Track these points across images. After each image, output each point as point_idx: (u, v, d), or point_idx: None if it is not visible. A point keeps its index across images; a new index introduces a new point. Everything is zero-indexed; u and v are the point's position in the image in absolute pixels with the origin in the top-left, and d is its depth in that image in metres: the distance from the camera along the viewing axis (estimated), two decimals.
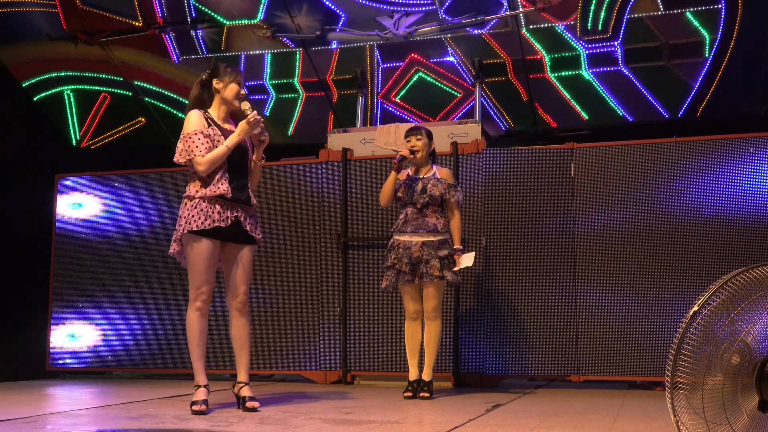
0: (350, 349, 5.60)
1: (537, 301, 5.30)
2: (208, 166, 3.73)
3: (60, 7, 6.80)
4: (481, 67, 6.58)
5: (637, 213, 5.22)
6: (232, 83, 3.85)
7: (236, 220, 3.80)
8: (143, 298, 6.12)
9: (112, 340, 6.16)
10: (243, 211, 3.84)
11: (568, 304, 5.26)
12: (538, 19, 6.33)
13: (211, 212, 3.73)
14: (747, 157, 5.09)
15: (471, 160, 5.56)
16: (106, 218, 6.28)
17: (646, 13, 6.15)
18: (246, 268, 3.87)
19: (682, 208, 5.15)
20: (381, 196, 4.65)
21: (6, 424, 3.30)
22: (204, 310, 3.81)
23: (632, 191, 5.25)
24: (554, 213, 5.36)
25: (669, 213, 5.17)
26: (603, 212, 5.28)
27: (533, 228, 5.37)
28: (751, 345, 2.37)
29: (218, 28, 6.84)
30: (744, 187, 5.07)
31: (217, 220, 3.73)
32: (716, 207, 5.09)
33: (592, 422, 3.46)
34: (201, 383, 3.78)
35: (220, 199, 3.76)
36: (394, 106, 7.05)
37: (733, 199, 5.07)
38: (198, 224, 3.71)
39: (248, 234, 3.86)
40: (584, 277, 5.26)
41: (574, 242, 5.31)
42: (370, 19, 6.55)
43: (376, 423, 3.41)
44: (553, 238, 5.34)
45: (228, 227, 3.77)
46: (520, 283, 5.34)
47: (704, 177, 5.14)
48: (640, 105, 6.65)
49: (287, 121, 7.29)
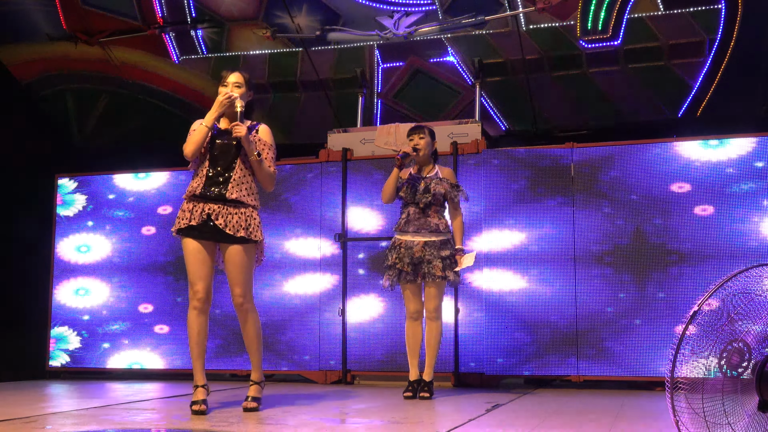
0: (350, 349, 5.60)
1: (537, 301, 5.30)
2: (191, 148, 3.72)
3: (60, 7, 6.79)
4: (481, 67, 6.58)
5: (637, 213, 5.22)
6: (220, 86, 3.85)
7: (208, 217, 3.70)
8: (143, 298, 6.12)
9: (113, 340, 6.16)
10: (218, 208, 3.71)
11: (568, 304, 5.26)
12: (538, 19, 6.33)
13: (186, 210, 3.74)
14: (747, 156, 5.08)
15: (471, 160, 5.56)
16: (106, 218, 6.28)
17: (646, 13, 6.14)
18: (236, 267, 3.74)
19: (683, 208, 5.15)
20: (383, 193, 4.63)
21: (6, 424, 3.30)
22: (201, 308, 3.76)
23: (632, 191, 5.25)
24: (554, 213, 5.36)
25: (669, 213, 5.17)
26: (603, 212, 5.28)
27: (533, 228, 5.37)
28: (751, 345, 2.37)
29: (218, 28, 6.84)
30: (744, 187, 5.07)
31: (188, 218, 3.71)
32: (716, 207, 5.09)
33: (592, 422, 3.46)
34: (199, 383, 3.76)
35: (193, 197, 3.74)
36: (394, 106, 7.05)
37: (734, 199, 5.07)
38: (177, 224, 3.76)
39: (222, 231, 3.68)
40: (584, 276, 5.26)
41: (574, 242, 5.31)
42: (370, 19, 6.54)
43: (376, 423, 3.41)
44: (552, 237, 5.34)
45: (201, 225, 3.70)
46: (520, 283, 5.34)
47: (704, 177, 5.14)
48: (640, 105, 6.65)
49: (287, 121, 7.28)
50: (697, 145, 5.19)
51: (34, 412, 3.76)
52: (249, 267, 3.79)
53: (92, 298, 6.24)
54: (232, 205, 3.72)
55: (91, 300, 6.24)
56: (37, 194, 6.65)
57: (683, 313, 2.27)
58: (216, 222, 3.68)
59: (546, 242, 5.34)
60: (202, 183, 3.72)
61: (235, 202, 3.72)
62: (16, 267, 6.57)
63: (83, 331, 6.22)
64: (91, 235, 6.30)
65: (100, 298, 6.22)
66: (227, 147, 3.77)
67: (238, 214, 3.72)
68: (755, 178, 5.05)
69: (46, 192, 6.48)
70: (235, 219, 3.70)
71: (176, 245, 6.06)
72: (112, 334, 6.16)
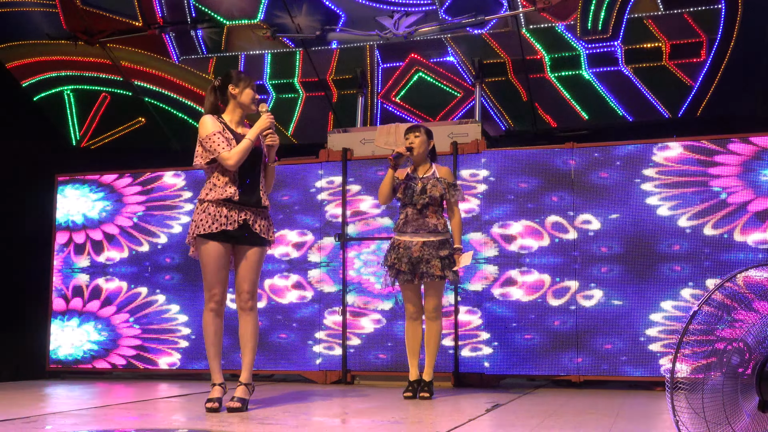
0: (350, 349, 5.60)
1: (537, 300, 5.30)
2: (238, 158, 3.77)
3: (60, 7, 6.79)
4: (481, 67, 6.58)
5: (637, 213, 5.22)
6: (247, 88, 3.91)
7: (245, 222, 3.81)
8: (143, 298, 6.12)
9: (112, 339, 6.16)
10: (253, 214, 3.85)
11: (568, 304, 5.26)
12: (538, 19, 6.33)
13: (218, 215, 3.77)
14: (747, 156, 5.08)
15: (471, 160, 5.56)
16: (106, 218, 6.28)
17: (646, 13, 6.14)
18: (252, 268, 3.87)
19: (683, 208, 5.15)
20: (379, 195, 4.63)
21: (6, 424, 3.30)
22: (218, 311, 3.87)
23: (632, 191, 5.25)
24: (554, 213, 5.36)
25: (669, 212, 5.17)
26: (603, 212, 5.28)
27: (533, 228, 5.37)
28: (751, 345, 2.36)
29: (218, 28, 6.84)
30: (744, 187, 5.06)
31: (224, 223, 3.77)
32: (716, 206, 5.09)
33: (592, 422, 3.46)
34: (216, 381, 3.83)
35: (227, 203, 3.79)
36: (394, 106, 7.05)
37: (734, 199, 5.07)
38: (205, 228, 3.77)
39: (259, 236, 3.86)
40: (584, 276, 5.26)
41: (574, 242, 5.31)
42: (370, 19, 6.54)
43: (376, 423, 3.41)
44: (552, 237, 5.34)
45: (236, 230, 3.79)
46: (520, 282, 5.35)
47: (704, 176, 5.14)
48: (640, 105, 6.64)
49: (287, 121, 7.28)
50: (697, 145, 5.19)
51: (34, 412, 3.76)
52: (261, 267, 3.98)
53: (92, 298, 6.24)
54: (263, 211, 3.92)
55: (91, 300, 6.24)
56: (37, 194, 6.65)
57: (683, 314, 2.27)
58: (254, 228, 3.83)
59: (545, 242, 5.35)
60: (237, 189, 3.79)
61: (264, 208, 3.93)
62: (15, 267, 6.57)
63: (83, 330, 6.22)
64: (91, 235, 6.30)
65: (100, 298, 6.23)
66: (254, 155, 3.87)
67: (267, 218, 3.94)
68: (755, 178, 5.05)
69: (46, 192, 6.47)
70: (266, 224, 3.92)
71: (177, 245, 6.07)
72: (112, 334, 6.16)
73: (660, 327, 5.07)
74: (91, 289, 6.25)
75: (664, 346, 5.00)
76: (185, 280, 6.03)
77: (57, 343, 6.27)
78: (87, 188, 6.36)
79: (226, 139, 3.79)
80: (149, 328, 6.08)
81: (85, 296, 6.26)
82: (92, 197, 6.34)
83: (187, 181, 6.12)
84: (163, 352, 6.03)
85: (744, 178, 5.06)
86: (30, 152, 6.96)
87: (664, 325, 5.06)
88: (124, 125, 7.61)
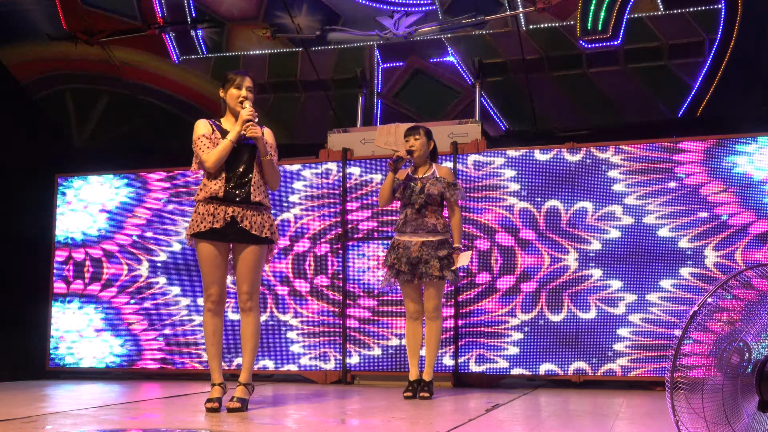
0: (350, 349, 5.60)
1: (537, 300, 5.30)
2: (215, 160, 3.76)
3: (60, 7, 6.79)
4: (481, 67, 6.58)
5: (637, 213, 5.22)
6: (232, 89, 3.89)
7: (232, 219, 3.77)
8: (143, 298, 6.12)
9: (112, 340, 6.16)
10: (242, 210, 3.80)
11: (568, 304, 5.26)
12: (538, 19, 6.32)
13: (206, 214, 3.77)
14: (747, 156, 5.08)
15: (471, 160, 5.56)
16: (106, 218, 6.28)
17: (646, 13, 6.14)
18: (249, 267, 3.83)
19: (683, 208, 5.15)
20: (380, 197, 4.64)
21: (6, 424, 3.30)
22: (216, 310, 3.86)
23: (632, 191, 5.25)
24: (554, 213, 5.36)
25: (669, 212, 5.17)
26: (602, 212, 5.28)
27: (532, 227, 5.37)
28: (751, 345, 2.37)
29: (218, 28, 6.83)
30: (744, 187, 5.07)
31: (211, 221, 3.76)
32: (717, 206, 5.09)
33: (592, 422, 3.46)
34: (215, 381, 3.82)
35: (214, 200, 3.79)
36: (394, 106, 7.05)
37: (734, 199, 5.07)
38: (195, 227, 3.78)
39: (249, 233, 3.79)
40: (584, 276, 5.26)
41: (573, 242, 5.31)
42: (370, 19, 6.54)
43: (376, 423, 3.41)
44: (552, 237, 5.34)
45: (225, 227, 3.76)
46: (519, 282, 5.35)
47: (704, 176, 5.14)
48: (640, 105, 6.64)
49: (287, 121, 7.28)
50: (697, 145, 5.19)
51: (34, 412, 3.76)
52: (260, 267, 3.89)
53: (92, 299, 6.24)
54: (254, 207, 3.82)
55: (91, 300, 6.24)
56: (37, 194, 6.65)
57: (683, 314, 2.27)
58: (242, 224, 3.76)
59: (545, 242, 5.34)
60: (223, 186, 3.77)
61: (257, 204, 3.83)
62: (16, 267, 6.57)
63: (83, 330, 6.22)
64: (91, 235, 6.30)
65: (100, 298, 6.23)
66: (239, 148, 3.83)
67: (261, 215, 3.84)
68: (755, 178, 5.05)
69: (46, 192, 6.47)
70: (259, 220, 3.82)
71: (175, 245, 6.07)
72: (112, 334, 6.16)
73: (660, 327, 5.07)
74: (90, 288, 6.25)
75: (664, 346, 5.00)
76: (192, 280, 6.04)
77: (57, 343, 6.27)
78: (87, 188, 6.35)
79: (208, 140, 3.81)
80: (150, 327, 6.07)
81: (85, 296, 6.25)
82: (92, 197, 6.33)
83: (188, 181, 6.12)
84: (164, 351, 6.03)
85: (745, 177, 5.06)
86: (30, 152, 6.96)
87: (664, 325, 5.06)
88: (124, 125, 7.61)
